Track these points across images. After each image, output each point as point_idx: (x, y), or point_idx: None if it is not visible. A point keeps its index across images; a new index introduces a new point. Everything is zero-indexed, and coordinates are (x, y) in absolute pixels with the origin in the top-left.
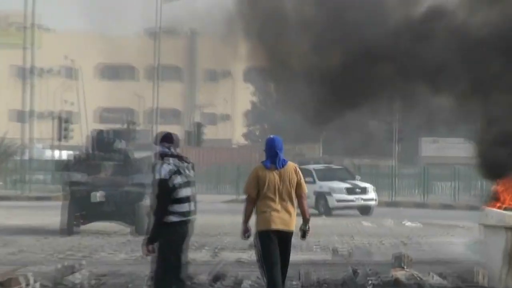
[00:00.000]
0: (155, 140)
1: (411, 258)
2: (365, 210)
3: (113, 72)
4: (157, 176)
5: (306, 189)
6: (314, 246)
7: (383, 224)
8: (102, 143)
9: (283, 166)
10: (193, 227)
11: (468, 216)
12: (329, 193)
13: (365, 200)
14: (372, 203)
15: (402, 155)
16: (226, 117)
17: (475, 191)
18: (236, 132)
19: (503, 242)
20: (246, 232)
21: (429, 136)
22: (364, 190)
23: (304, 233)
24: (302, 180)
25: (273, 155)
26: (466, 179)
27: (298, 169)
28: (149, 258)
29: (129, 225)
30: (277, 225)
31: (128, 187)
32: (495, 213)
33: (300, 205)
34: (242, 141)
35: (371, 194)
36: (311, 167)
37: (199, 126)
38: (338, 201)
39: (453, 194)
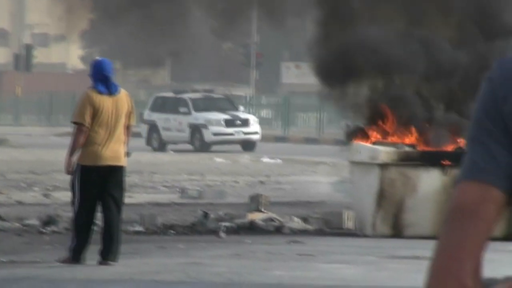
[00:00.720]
0: None
1: (270, 199)
2: (247, 145)
3: None
4: None
5: (135, 120)
6: (160, 186)
7: (238, 161)
8: None
9: (117, 92)
10: None
11: (335, 151)
12: (205, 126)
13: (246, 133)
14: (255, 137)
15: (261, 82)
16: (60, 38)
17: (343, 123)
18: (71, 55)
19: (375, 182)
20: (71, 166)
21: (291, 61)
22: (245, 122)
23: None
24: (133, 110)
25: (103, 79)
26: (333, 109)
27: (129, 97)
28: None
29: None
30: (106, 160)
31: None
32: (366, 148)
33: (125, 135)
34: (79, 65)
35: (254, 127)
36: (186, 95)
37: (29, 48)
38: (215, 134)
39: (318, 127)
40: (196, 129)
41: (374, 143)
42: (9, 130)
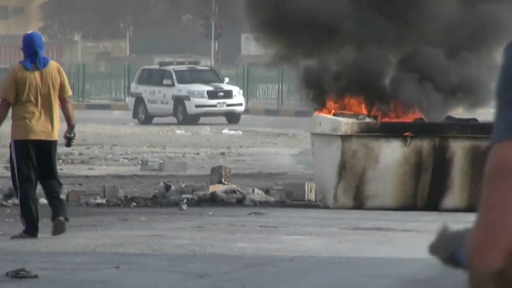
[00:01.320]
0: None
1: (231, 170)
2: (232, 117)
3: None
4: None
5: (71, 91)
6: (121, 158)
7: (198, 132)
8: None
9: (45, 66)
10: None
11: (296, 123)
12: (188, 98)
13: (229, 105)
14: (239, 108)
15: (221, 54)
16: (19, 10)
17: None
18: (30, 27)
19: (336, 153)
20: None
21: (251, 32)
22: (228, 94)
23: (69, 141)
24: (66, 82)
25: (32, 54)
26: (293, 81)
27: (61, 69)
28: None
29: None
30: (37, 134)
31: None
32: (328, 120)
33: (64, 110)
34: None
35: (238, 99)
36: (171, 67)
37: None
38: (198, 106)
39: (278, 98)
40: (179, 101)
41: (335, 115)
42: None
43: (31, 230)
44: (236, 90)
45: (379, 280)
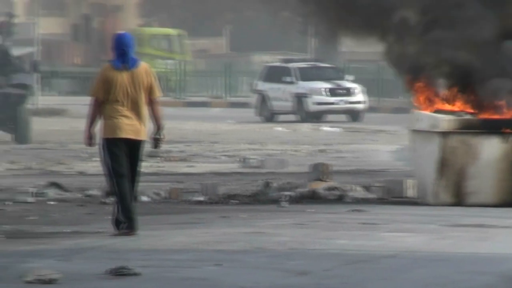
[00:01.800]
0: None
1: (330, 167)
2: (354, 115)
3: None
4: None
5: (160, 92)
6: (221, 155)
7: (298, 130)
8: None
9: (134, 67)
10: None
11: (395, 120)
12: (308, 95)
13: (350, 102)
14: (360, 106)
15: (319, 51)
16: (119, 8)
17: (403, 91)
18: (130, 25)
19: (436, 150)
20: (90, 139)
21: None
22: (349, 91)
23: (156, 142)
24: (155, 83)
25: (121, 54)
26: (393, 77)
27: (150, 71)
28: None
29: (9, 133)
30: (126, 133)
31: (6, 88)
32: (427, 116)
33: (153, 111)
34: None
35: (359, 96)
36: (292, 65)
37: (87, 18)
38: (317, 104)
39: (377, 95)
40: (299, 99)
41: (434, 111)
42: (69, 100)
43: (131, 226)
44: (357, 88)
45: (480, 277)
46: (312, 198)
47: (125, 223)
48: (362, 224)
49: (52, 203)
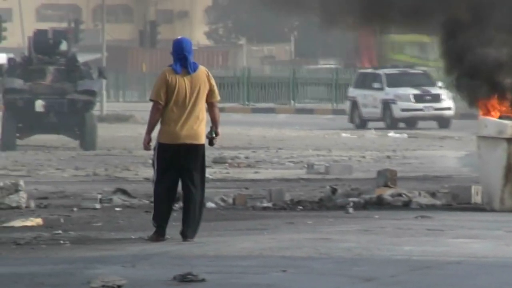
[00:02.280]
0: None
1: (396, 173)
2: (441, 122)
3: None
4: None
5: (219, 96)
6: (287, 161)
7: (364, 136)
8: (44, 44)
9: (194, 71)
10: None
11: (461, 126)
12: (395, 101)
13: (437, 109)
14: (448, 112)
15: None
16: (184, 14)
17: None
18: (196, 31)
19: (503, 156)
20: (149, 144)
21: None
22: (436, 98)
23: (210, 141)
24: (215, 87)
25: (181, 58)
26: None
27: (210, 75)
28: (98, 178)
29: (75, 139)
30: (183, 139)
31: (73, 95)
32: (493, 122)
33: (211, 114)
34: (203, 41)
35: (447, 103)
36: (381, 71)
37: (153, 24)
38: (404, 110)
39: None
40: (387, 105)
41: (500, 117)
42: (135, 107)
43: (158, 233)
44: (444, 94)
45: None
46: (378, 204)
47: (155, 227)
48: (428, 230)
49: (118, 209)
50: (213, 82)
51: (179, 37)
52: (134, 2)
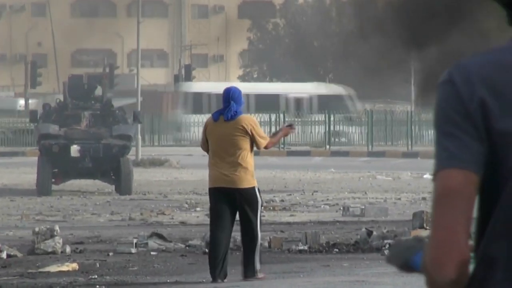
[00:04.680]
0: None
1: None
2: None
3: (89, 7)
4: None
5: (263, 145)
6: (322, 204)
7: (399, 178)
8: (79, 90)
9: (231, 118)
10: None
11: None
12: None
13: None
14: None
15: (421, 98)
16: (219, 58)
17: None
18: (230, 75)
19: None
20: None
21: None
22: None
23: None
24: (256, 137)
25: (225, 106)
26: None
27: (252, 123)
28: (134, 222)
29: (111, 183)
30: (220, 182)
31: (109, 139)
32: None
33: (269, 146)
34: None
35: None
36: None
37: (188, 68)
38: None
39: None
40: None
41: None
42: (171, 151)
43: (211, 274)
44: None
45: None
46: None
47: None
48: None
49: (154, 253)
50: (255, 131)
51: (229, 86)
52: (169, 47)
